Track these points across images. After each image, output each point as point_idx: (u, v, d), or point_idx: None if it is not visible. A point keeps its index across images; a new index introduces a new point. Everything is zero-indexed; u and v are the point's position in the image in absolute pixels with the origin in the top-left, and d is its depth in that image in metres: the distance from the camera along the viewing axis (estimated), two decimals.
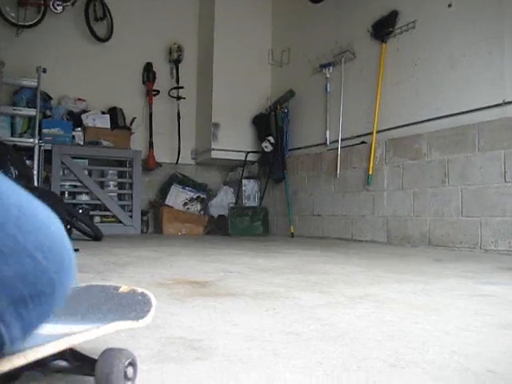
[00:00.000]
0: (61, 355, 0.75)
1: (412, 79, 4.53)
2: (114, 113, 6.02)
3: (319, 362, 0.93)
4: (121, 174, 6.09)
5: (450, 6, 4.21)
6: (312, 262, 2.91)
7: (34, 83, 5.27)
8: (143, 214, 6.09)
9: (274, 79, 6.65)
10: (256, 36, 6.60)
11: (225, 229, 5.86)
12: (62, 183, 5.56)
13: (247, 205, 6.31)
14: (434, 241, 4.10)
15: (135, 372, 0.76)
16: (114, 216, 5.74)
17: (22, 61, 5.56)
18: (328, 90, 5.49)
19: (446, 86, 4.20)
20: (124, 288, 0.94)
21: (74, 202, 5.58)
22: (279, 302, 1.55)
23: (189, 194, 6.34)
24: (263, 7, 6.72)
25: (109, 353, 0.74)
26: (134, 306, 0.86)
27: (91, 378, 0.74)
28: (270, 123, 6.15)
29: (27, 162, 4.80)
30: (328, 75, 5.49)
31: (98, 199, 5.70)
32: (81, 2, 5.96)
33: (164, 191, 6.38)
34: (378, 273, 2.40)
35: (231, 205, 6.24)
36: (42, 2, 5.66)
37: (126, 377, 0.73)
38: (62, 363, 0.76)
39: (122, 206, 5.90)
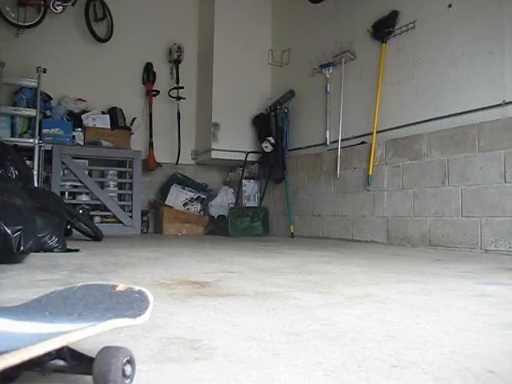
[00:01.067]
0: (58, 354, 0.74)
1: (412, 79, 4.53)
2: (114, 113, 6.02)
3: (319, 362, 0.92)
4: (121, 175, 6.09)
5: (450, 6, 4.20)
6: (312, 263, 2.91)
7: (34, 83, 5.27)
8: (143, 214, 6.08)
9: (274, 79, 6.65)
10: (256, 36, 6.60)
11: (225, 229, 5.85)
12: (62, 183, 5.56)
13: (247, 205, 6.30)
14: (434, 241, 4.09)
15: (133, 370, 0.75)
16: (114, 216, 5.74)
17: (22, 61, 5.56)
18: (328, 90, 5.49)
19: (446, 86, 4.20)
20: (121, 286, 0.94)
21: (74, 202, 5.58)
22: (279, 302, 1.55)
23: (189, 194, 6.35)
24: (263, 7, 6.72)
25: (106, 351, 0.73)
26: (132, 303, 0.86)
27: (89, 377, 0.73)
28: (270, 123, 6.15)
29: (27, 162, 4.79)
30: (328, 75, 5.49)
31: (98, 199, 5.70)
32: (81, 2, 5.97)
33: (164, 191, 6.39)
34: (378, 273, 2.39)
35: (231, 205, 6.24)
36: (42, 2, 5.66)
37: (124, 375, 0.72)
38: (60, 362, 0.75)
39: (122, 207, 5.90)
